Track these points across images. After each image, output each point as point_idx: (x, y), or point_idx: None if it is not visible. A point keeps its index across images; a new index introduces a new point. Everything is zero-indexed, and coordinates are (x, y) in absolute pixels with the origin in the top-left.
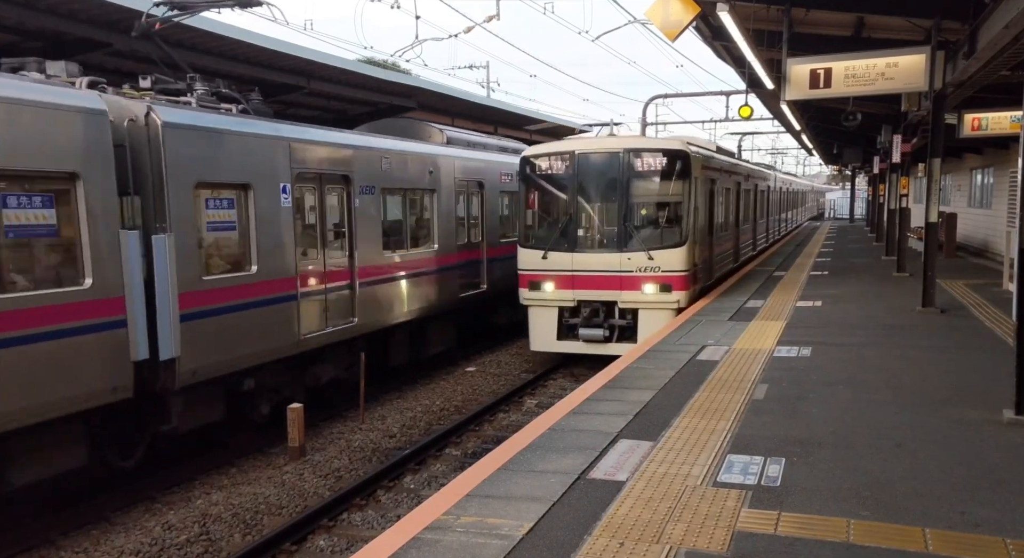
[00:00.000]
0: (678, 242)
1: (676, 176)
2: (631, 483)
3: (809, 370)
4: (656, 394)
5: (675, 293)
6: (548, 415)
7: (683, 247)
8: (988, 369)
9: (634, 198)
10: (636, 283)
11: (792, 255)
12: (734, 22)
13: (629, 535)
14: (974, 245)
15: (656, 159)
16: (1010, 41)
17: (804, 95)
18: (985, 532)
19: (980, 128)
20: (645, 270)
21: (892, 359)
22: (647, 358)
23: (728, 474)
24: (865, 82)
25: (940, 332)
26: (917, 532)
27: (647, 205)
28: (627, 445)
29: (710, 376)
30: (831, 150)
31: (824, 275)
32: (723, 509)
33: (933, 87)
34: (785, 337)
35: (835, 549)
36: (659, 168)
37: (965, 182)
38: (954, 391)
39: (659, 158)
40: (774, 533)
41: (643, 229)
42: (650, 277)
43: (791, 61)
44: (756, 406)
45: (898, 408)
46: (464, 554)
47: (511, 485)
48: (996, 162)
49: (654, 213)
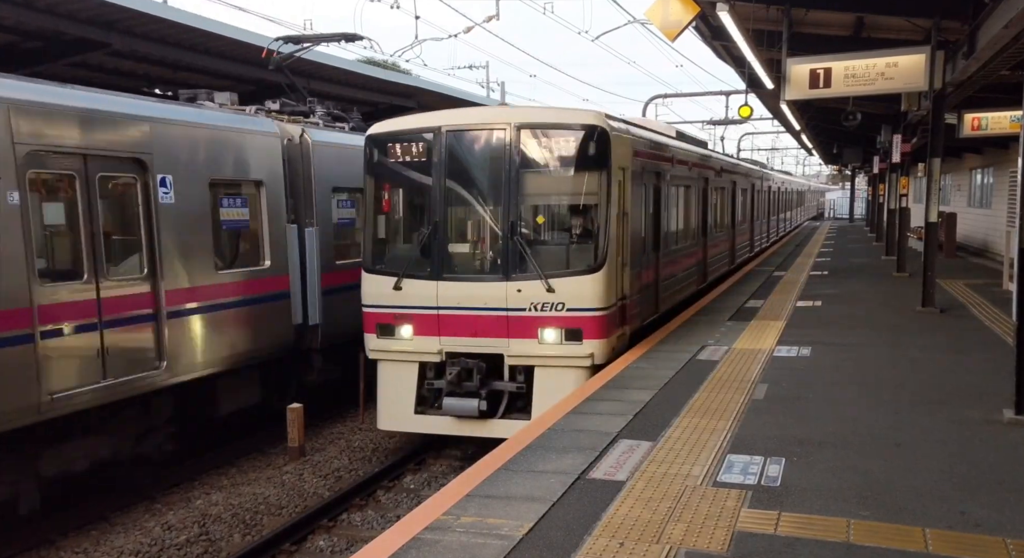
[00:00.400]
0: (592, 266)
1: (590, 165)
2: (631, 483)
3: (809, 370)
4: (656, 394)
5: (587, 343)
6: (548, 415)
7: (599, 273)
8: (988, 369)
9: (528, 198)
10: (530, 327)
11: (792, 255)
12: (734, 22)
13: (629, 535)
14: (974, 245)
15: (559, 140)
16: (1010, 41)
17: (804, 95)
18: (985, 532)
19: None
20: (543, 307)
21: (892, 359)
22: (647, 358)
23: (728, 474)
24: (865, 82)
25: (940, 332)
26: (917, 532)
27: (548, 209)
28: (627, 445)
29: (710, 376)
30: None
31: (824, 275)
32: (723, 509)
33: (933, 87)
34: (785, 337)
35: (835, 549)
36: (565, 154)
37: (965, 182)
38: (954, 391)
39: (563, 139)
40: (774, 533)
41: (540, 246)
42: (550, 318)
43: (791, 61)
44: (756, 406)
45: (898, 408)
46: (464, 554)
47: (511, 485)
48: (996, 162)
49: (558, 221)
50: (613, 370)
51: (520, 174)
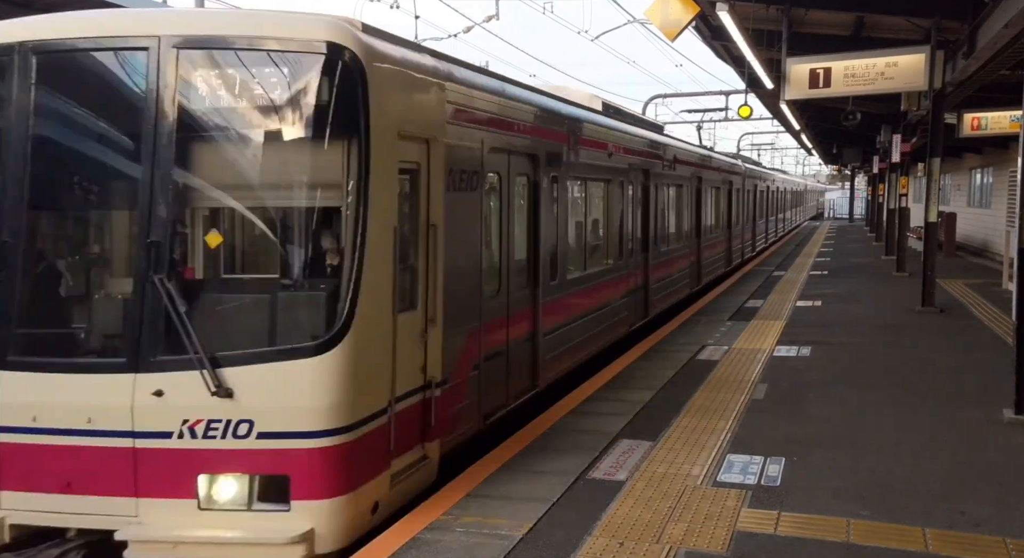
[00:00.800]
0: (321, 334)
1: (322, 129)
2: (631, 483)
3: (809, 369)
4: (656, 394)
5: (302, 508)
6: (547, 415)
7: (335, 350)
8: (988, 368)
9: (190, 196)
10: (182, 473)
11: (792, 255)
12: (733, 22)
13: (629, 535)
14: (973, 245)
15: (259, 75)
16: (1009, 40)
17: (804, 95)
18: (985, 532)
19: (980, 128)
20: (209, 431)
21: (892, 358)
22: (647, 358)
23: (728, 474)
24: (865, 82)
25: (939, 332)
26: (917, 532)
27: (233, 219)
28: (627, 445)
29: (710, 376)
30: (831, 150)
31: (824, 275)
32: (723, 509)
33: (932, 86)
34: (785, 337)
35: (835, 549)
36: (267, 103)
37: (964, 182)
38: (954, 390)
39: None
40: (774, 533)
41: (209, 297)
42: (226, 454)
43: (791, 61)
44: (756, 406)
45: (897, 407)
46: (464, 554)
47: (511, 485)
48: (995, 162)
49: (254, 243)
50: (612, 370)
51: (175, 144)
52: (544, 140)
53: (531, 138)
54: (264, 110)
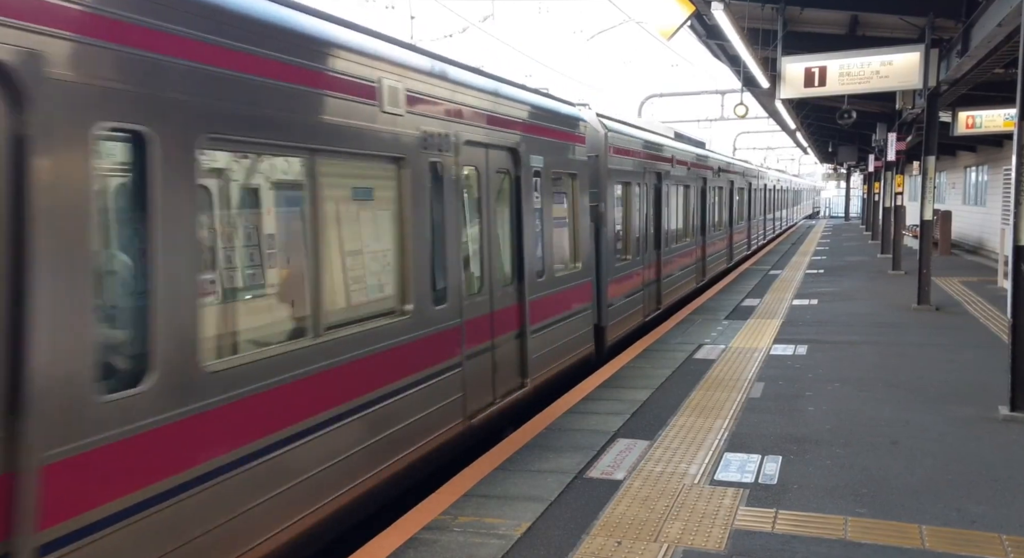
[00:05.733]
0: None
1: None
2: (628, 482)
3: (805, 368)
4: (653, 393)
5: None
6: (545, 414)
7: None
8: (983, 366)
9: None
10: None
11: (788, 253)
12: (729, 21)
13: (627, 534)
14: (969, 243)
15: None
16: (1003, 39)
17: (799, 94)
18: (981, 528)
19: (974, 126)
20: None
21: (888, 356)
22: (644, 357)
23: (725, 472)
24: (860, 80)
25: (935, 329)
26: (914, 529)
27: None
28: (624, 444)
29: (707, 375)
30: (826, 148)
31: (820, 273)
32: (720, 507)
33: (927, 85)
34: (781, 335)
35: (832, 546)
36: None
37: (959, 180)
38: (950, 388)
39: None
40: (771, 531)
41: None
42: None
43: (786, 60)
44: (753, 404)
45: (894, 405)
46: (462, 554)
47: (508, 485)
48: (990, 159)
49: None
50: (610, 369)
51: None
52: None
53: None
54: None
